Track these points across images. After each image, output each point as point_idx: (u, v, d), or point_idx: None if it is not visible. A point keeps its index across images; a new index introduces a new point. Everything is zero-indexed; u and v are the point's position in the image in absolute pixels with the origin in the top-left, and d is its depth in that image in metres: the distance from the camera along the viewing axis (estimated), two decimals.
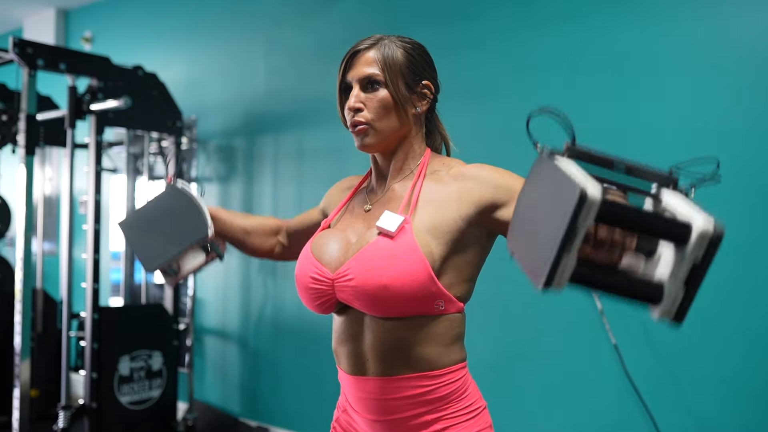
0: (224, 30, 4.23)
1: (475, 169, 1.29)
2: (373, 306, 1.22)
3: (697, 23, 2.49)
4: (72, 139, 3.33)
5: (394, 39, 1.34)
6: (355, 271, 1.22)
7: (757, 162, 2.35)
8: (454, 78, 3.07)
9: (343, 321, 1.31)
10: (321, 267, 1.29)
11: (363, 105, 1.30)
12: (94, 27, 5.16)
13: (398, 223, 1.23)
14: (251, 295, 4.00)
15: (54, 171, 5.19)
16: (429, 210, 1.26)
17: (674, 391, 2.49)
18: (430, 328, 1.24)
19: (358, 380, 1.29)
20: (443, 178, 1.30)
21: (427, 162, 1.35)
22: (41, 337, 4.18)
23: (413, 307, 1.21)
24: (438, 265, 1.22)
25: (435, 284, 1.20)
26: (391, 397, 1.26)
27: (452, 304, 1.25)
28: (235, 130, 4.12)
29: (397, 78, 1.30)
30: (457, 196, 1.26)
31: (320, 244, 1.34)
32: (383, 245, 1.22)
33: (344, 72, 1.35)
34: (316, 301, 1.31)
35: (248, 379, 4.01)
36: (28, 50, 3.11)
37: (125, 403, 3.46)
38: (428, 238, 1.22)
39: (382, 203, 1.34)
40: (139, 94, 3.51)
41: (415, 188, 1.30)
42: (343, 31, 3.59)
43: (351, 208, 1.42)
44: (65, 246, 3.38)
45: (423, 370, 1.25)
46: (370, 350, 1.26)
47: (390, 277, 1.19)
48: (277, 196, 3.89)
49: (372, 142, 1.32)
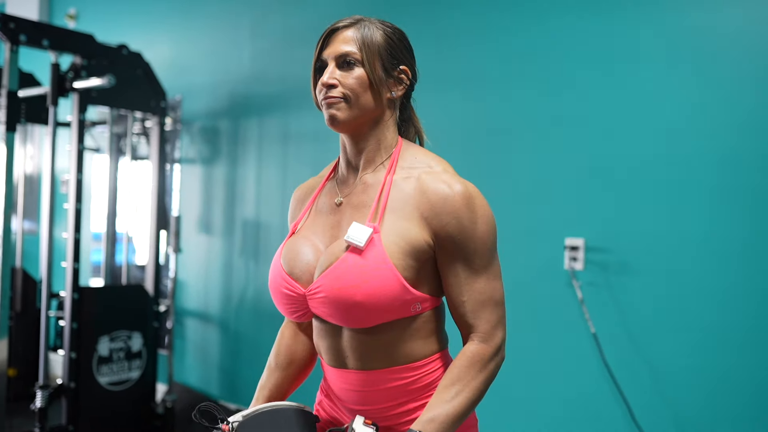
0: (211, 11, 4.19)
1: (443, 194, 1.21)
2: (347, 321, 1.22)
3: (676, 14, 2.49)
4: (54, 117, 3.30)
5: (374, 21, 1.30)
6: (327, 290, 1.20)
7: (743, 159, 2.37)
8: (441, 65, 3.07)
9: (321, 322, 1.30)
10: (292, 282, 1.27)
11: (337, 81, 1.26)
12: (78, 4, 5.09)
13: (367, 235, 1.19)
14: (233, 278, 4.00)
15: (35, 149, 5.13)
16: (397, 218, 1.22)
17: (652, 381, 2.52)
18: (408, 328, 1.24)
19: (340, 372, 1.29)
20: (411, 179, 1.25)
21: (398, 155, 1.30)
22: (20, 316, 4.15)
23: (389, 315, 1.20)
24: (410, 273, 1.20)
25: (409, 292, 1.19)
26: (373, 389, 1.26)
27: (429, 302, 1.24)
28: (219, 112, 4.10)
29: (374, 59, 1.27)
30: (419, 215, 1.22)
31: (290, 256, 1.30)
32: (353, 262, 1.19)
33: (320, 50, 1.30)
34: (292, 314, 1.30)
35: (228, 362, 4.01)
36: (10, 25, 3.06)
37: (104, 383, 3.44)
38: (397, 249, 1.19)
39: (354, 196, 1.30)
40: (123, 73, 3.48)
41: (384, 187, 1.26)
42: (330, 15, 3.53)
43: (317, 207, 1.37)
44: (45, 225, 3.35)
45: (403, 363, 1.24)
46: (349, 348, 1.26)
47: (362, 294, 1.17)
48: (261, 179, 3.87)
49: (343, 118, 1.26)
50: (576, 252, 2.66)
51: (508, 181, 2.86)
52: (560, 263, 2.71)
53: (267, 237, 3.82)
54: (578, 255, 2.66)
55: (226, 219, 4.05)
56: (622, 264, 2.59)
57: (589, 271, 2.66)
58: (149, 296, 3.67)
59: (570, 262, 2.67)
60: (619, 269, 2.59)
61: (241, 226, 3.97)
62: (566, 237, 2.70)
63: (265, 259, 3.81)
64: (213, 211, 4.13)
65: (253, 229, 3.90)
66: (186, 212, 4.26)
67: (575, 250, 2.67)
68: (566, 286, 2.70)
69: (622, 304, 2.58)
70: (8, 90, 3.10)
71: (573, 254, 2.67)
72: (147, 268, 3.77)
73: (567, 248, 2.68)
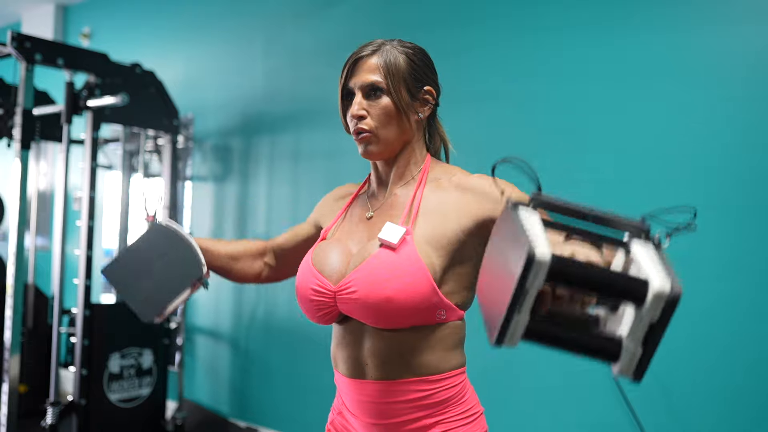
0: (223, 29, 4.23)
1: (477, 180, 1.28)
2: (375, 318, 1.22)
3: (686, 31, 2.50)
4: (68, 134, 3.33)
5: (395, 44, 1.33)
6: (358, 284, 1.22)
7: (754, 176, 2.36)
8: (453, 82, 3.07)
9: (344, 329, 1.31)
10: (322, 279, 1.28)
11: (366, 112, 1.30)
12: (92, 23, 5.16)
13: (400, 234, 1.22)
14: (244, 296, 4.00)
15: (49, 166, 5.17)
16: (430, 220, 1.26)
17: (662, 398, 2.49)
18: (431, 337, 1.24)
19: (357, 383, 1.29)
20: (444, 185, 1.30)
21: (428, 168, 1.35)
22: (31, 332, 4.16)
23: (415, 318, 1.21)
24: (439, 276, 1.22)
25: (437, 295, 1.21)
26: (390, 400, 1.26)
27: (453, 312, 1.25)
28: (231, 130, 4.12)
29: (399, 85, 1.30)
30: (457, 207, 1.26)
31: (321, 256, 1.33)
32: (386, 258, 1.21)
33: (346, 78, 1.34)
34: (317, 313, 1.30)
35: (239, 380, 4.00)
36: (26, 44, 3.10)
37: (114, 400, 3.44)
38: (429, 249, 1.22)
39: (385, 209, 1.34)
40: (136, 92, 3.51)
41: (416, 197, 1.30)
42: (342, 34, 3.59)
43: (350, 215, 1.41)
44: (58, 241, 3.36)
45: (422, 375, 1.25)
46: (370, 356, 1.26)
47: (393, 289, 1.18)
48: (272, 197, 3.89)
49: (376, 150, 1.32)
50: None
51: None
52: None
53: None
54: None
55: (238, 236, 4.06)
56: None
57: None
58: None
59: None
60: None
61: None
62: None
63: None
64: (224, 228, 4.14)
65: None
66: (197, 229, 4.27)
67: None
68: None
69: None
70: (23, 108, 3.13)
71: None
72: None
73: None
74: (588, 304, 0.86)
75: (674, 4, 2.54)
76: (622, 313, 0.81)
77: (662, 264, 0.80)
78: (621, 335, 0.80)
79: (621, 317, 0.81)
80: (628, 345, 0.79)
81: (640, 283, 0.77)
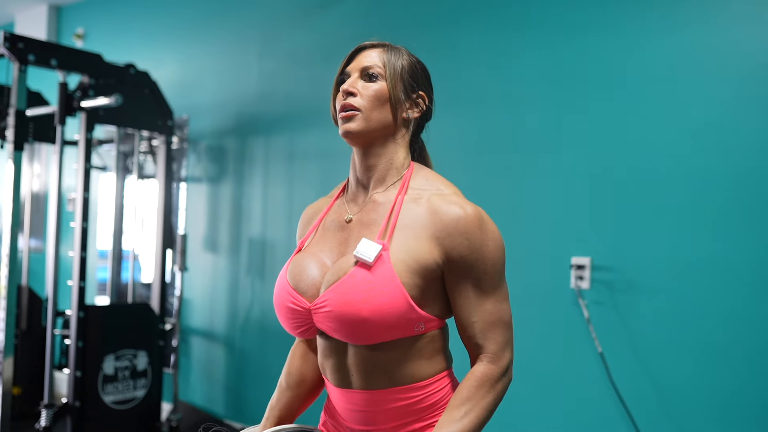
0: (218, 30, 4.22)
1: (456, 215, 1.21)
2: (351, 337, 1.21)
3: (681, 34, 2.50)
4: (61, 135, 3.32)
5: (402, 49, 1.34)
6: (333, 304, 1.20)
7: (749, 179, 2.36)
8: (445, 83, 3.08)
9: (326, 341, 1.30)
10: (297, 297, 1.27)
11: (357, 91, 1.28)
12: (86, 24, 5.14)
13: (376, 252, 1.19)
14: (239, 297, 3.99)
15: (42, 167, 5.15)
16: (406, 238, 1.22)
17: (658, 401, 2.50)
18: (411, 348, 1.23)
19: (345, 392, 1.28)
20: (422, 202, 1.25)
21: (410, 176, 1.31)
22: (25, 334, 4.14)
23: (393, 333, 1.20)
24: (416, 293, 1.20)
25: (414, 311, 1.19)
26: (377, 409, 1.25)
27: (432, 323, 1.23)
28: (226, 131, 4.11)
29: (396, 78, 1.29)
30: (430, 235, 1.21)
31: (296, 271, 1.30)
32: (361, 277, 1.19)
33: (345, 64, 1.33)
34: (296, 330, 1.29)
35: (234, 381, 3.99)
36: (19, 45, 3.09)
37: (109, 402, 3.43)
38: (405, 267, 1.19)
39: (364, 214, 1.30)
40: (130, 92, 3.50)
41: (395, 207, 1.26)
42: (337, 35, 3.59)
43: (325, 226, 1.37)
44: (52, 243, 3.35)
45: (407, 383, 1.24)
46: (354, 366, 1.25)
47: (369, 310, 1.17)
48: (267, 198, 3.88)
49: (356, 127, 1.27)
50: (582, 271, 2.65)
51: (514, 200, 2.85)
52: (566, 282, 2.70)
53: (273, 256, 3.82)
54: (584, 274, 2.65)
55: (233, 237, 4.05)
56: (628, 283, 2.58)
57: (595, 290, 2.64)
58: (155, 315, 3.66)
59: (576, 281, 2.66)
60: (626, 288, 2.58)
61: (247, 244, 3.97)
62: (572, 256, 2.69)
63: (271, 278, 3.81)
64: (219, 229, 4.13)
65: (259, 248, 3.90)
66: (192, 231, 4.26)
67: (581, 269, 2.66)
68: (572, 305, 2.68)
69: (629, 323, 2.57)
70: (16, 109, 3.12)
71: (579, 273, 2.66)
72: (153, 286, 3.77)
73: (573, 267, 2.67)
74: None
75: (668, 7, 2.55)
76: None
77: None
78: None
79: None
80: None
81: None
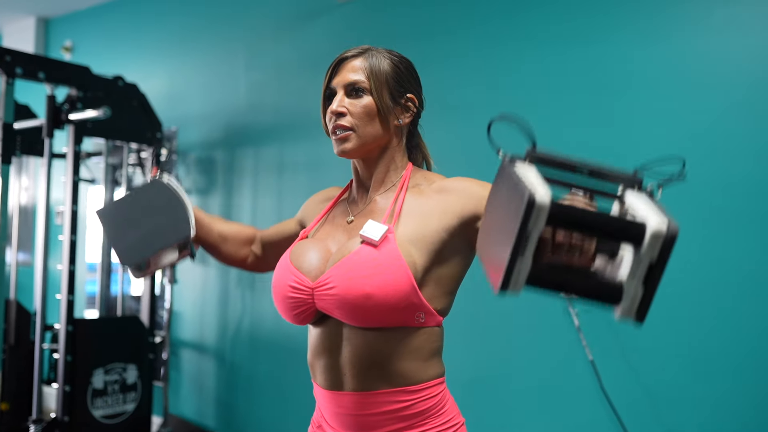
0: (206, 42, 4.22)
1: (457, 182, 1.29)
2: (353, 315, 1.21)
3: (667, 42, 2.52)
4: (50, 148, 3.30)
5: (382, 50, 1.35)
6: (337, 280, 1.21)
7: (739, 184, 2.38)
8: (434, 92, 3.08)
9: (320, 333, 1.29)
10: (300, 275, 1.27)
11: (346, 110, 1.30)
12: (74, 36, 5.13)
13: (382, 232, 1.22)
14: (229, 309, 3.97)
15: (30, 180, 5.13)
16: (412, 221, 1.25)
17: (650, 408, 2.50)
18: (409, 342, 1.23)
19: (335, 395, 1.27)
20: (425, 191, 1.30)
21: (408, 175, 1.35)
22: (13, 348, 4.10)
23: (394, 318, 1.20)
24: (420, 276, 1.21)
25: (417, 295, 1.20)
26: (368, 412, 1.24)
27: (432, 317, 1.24)
28: (215, 143, 4.11)
29: (382, 87, 1.30)
30: (439, 209, 1.26)
31: (299, 254, 1.32)
32: (366, 254, 1.20)
33: (330, 78, 1.34)
34: (293, 311, 1.28)
35: (224, 393, 3.97)
36: (6, 58, 3.08)
37: (98, 416, 3.40)
38: (411, 248, 1.22)
39: (365, 215, 1.33)
40: (118, 105, 3.49)
41: (397, 200, 1.30)
42: (324, 46, 3.60)
43: (331, 218, 1.40)
44: (40, 256, 3.33)
45: (401, 385, 1.24)
46: (348, 364, 1.25)
47: (373, 286, 1.17)
48: (257, 209, 3.87)
49: (351, 147, 1.30)
50: None
51: None
52: None
53: None
54: None
55: None
56: None
57: None
58: (144, 328, 3.64)
59: None
60: None
61: None
62: None
63: (262, 290, 3.80)
64: None
65: None
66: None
67: None
68: (563, 313, 2.69)
69: (620, 331, 2.57)
70: (4, 122, 3.11)
71: None
72: (142, 299, 3.75)
73: None
74: (587, 253, 0.88)
75: (654, 16, 2.57)
76: (621, 260, 0.84)
77: (657, 208, 0.83)
78: (621, 279, 0.82)
79: (620, 264, 0.84)
80: (629, 287, 0.81)
81: (637, 225, 0.80)
